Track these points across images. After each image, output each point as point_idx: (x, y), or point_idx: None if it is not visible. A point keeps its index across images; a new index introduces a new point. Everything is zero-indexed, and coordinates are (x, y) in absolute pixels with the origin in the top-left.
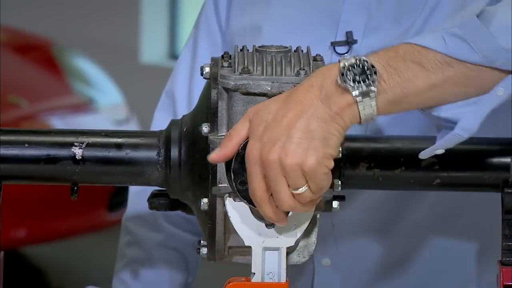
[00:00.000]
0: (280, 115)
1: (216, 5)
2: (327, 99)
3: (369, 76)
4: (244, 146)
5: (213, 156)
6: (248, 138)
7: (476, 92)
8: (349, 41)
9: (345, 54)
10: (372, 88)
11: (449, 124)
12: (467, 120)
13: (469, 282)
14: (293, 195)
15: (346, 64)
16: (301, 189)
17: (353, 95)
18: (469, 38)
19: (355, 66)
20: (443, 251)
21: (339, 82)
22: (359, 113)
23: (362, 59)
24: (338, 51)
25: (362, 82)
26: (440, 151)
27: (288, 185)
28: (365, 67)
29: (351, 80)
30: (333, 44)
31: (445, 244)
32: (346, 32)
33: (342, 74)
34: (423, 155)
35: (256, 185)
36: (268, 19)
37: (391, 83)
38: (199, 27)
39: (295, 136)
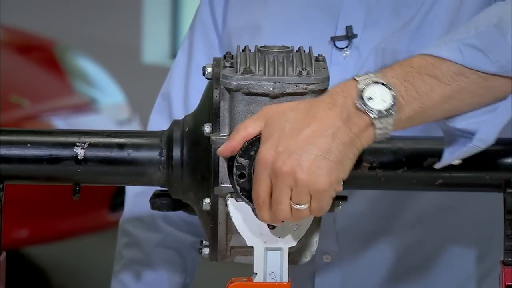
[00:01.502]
0: (298, 127)
1: (212, 6)
2: (348, 120)
3: (387, 97)
4: (251, 143)
5: (220, 149)
6: (255, 136)
7: (489, 101)
8: (349, 36)
9: (345, 49)
10: (391, 110)
11: (465, 134)
12: (485, 131)
13: (470, 273)
14: (291, 208)
15: (364, 85)
16: (302, 206)
17: (372, 117)
18: (486, 48)
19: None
20: (444, 243)
21: (359, 105)
22: (376, 132)
23: (379, 80)
24: (338, 46)
25: (381, 105)
26: (457, 162)
27: (291, 198)
28: (384, 87)
29: (370, 103)
30: (333, 39)
31: (446, 236)
32: (346, 26)
33: (361, 97)
34: (439, 165)
35: (261, 190)
36: (267, 17)
37: (409, 99)
38: (194, 29)
39: (313, 152)
